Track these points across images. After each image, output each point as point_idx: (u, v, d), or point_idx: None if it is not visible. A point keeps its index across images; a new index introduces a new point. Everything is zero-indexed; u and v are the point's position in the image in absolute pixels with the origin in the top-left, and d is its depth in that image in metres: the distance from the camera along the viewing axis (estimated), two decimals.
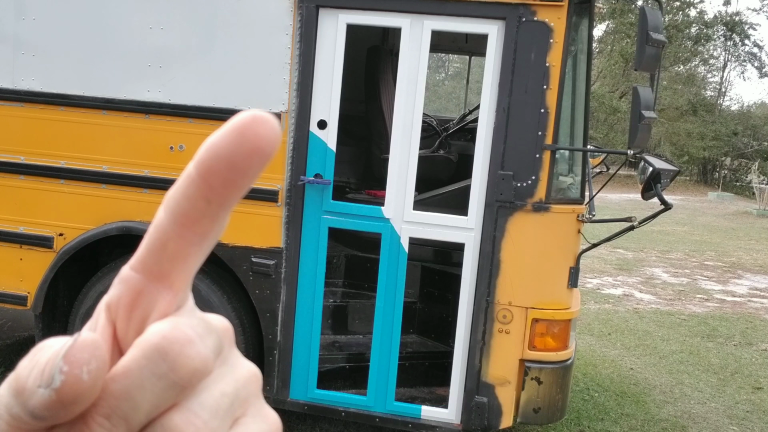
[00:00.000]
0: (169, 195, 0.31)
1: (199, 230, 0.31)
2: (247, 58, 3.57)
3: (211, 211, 0.31)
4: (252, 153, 0.29)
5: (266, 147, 0.29)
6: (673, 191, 22.37)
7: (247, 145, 0.29)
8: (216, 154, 0.29)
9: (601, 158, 4.97)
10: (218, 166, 0.29)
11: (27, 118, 3.83)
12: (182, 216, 0.31)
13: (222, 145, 0.29)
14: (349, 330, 4.29)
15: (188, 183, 0.30)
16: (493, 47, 3.40)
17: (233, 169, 0.29)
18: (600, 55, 27.12)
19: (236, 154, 0.29)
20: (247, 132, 0.29)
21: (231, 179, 0.30)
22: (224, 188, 0.30)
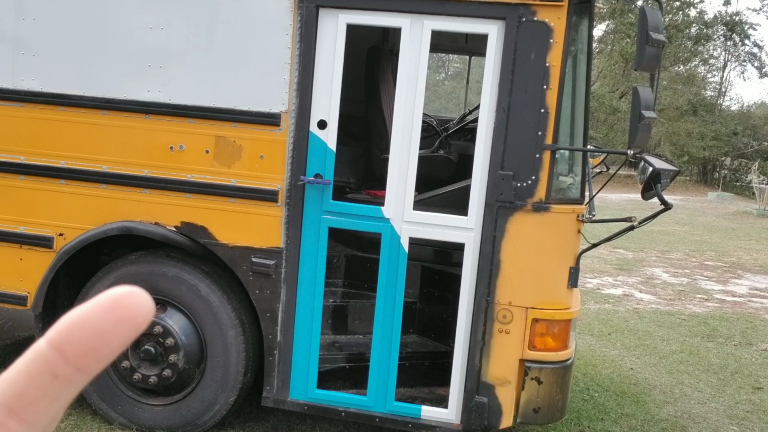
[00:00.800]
0: (3, 376, 0.28)
1: (31, 416, 0.28)
2: (247, 58, 3.57)
3: (54, 389, 0.28)
4: (123, 320, 0.28)
5: (139, 317, 0.28)
6: (673, 191, 22.37)
7: (119, 312, 0.28)
8: (81, 321, 0.28)
9: (601, 158, 4.97)
10: (81, 333, 0.27)
11: (27, 118, 3.83)
12: (15, 398, 0.28)
13: (91, 313, 0.28)
14: (349, 330, 4.29)
15: (33, 358, 0.28)
16: (493, 47, 3.40)
17: (97, 335, 0.28)
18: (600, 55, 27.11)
19: (106, 321, 0.28)
20: (123, 300, 0.28)
21: (92, 347, 0.28)
22: (81, 356, 0.28)
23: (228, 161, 3.65)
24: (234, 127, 3.62)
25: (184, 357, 3.81)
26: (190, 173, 3.69)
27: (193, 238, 3.74)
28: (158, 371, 3.83)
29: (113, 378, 3.94)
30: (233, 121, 3.62)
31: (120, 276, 3.85)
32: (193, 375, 3.87)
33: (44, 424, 0.29)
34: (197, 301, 3.78)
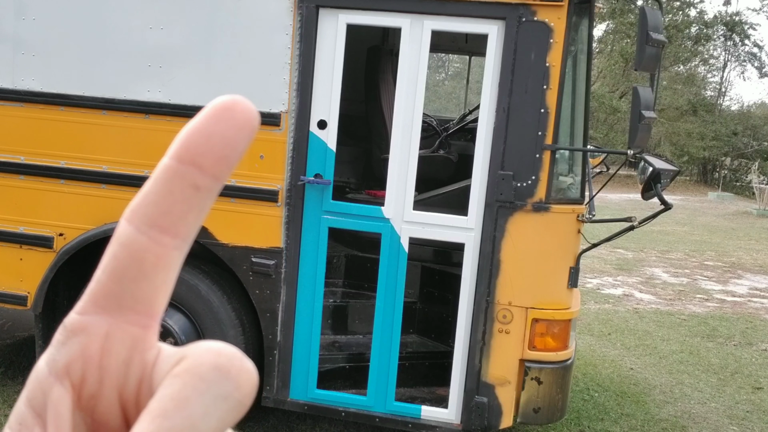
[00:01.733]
0: (137, 202, 0.29)
1: (184, 228, 0.29)
2: (247, 58, 3.57)
3: (200, 200, 0.29)
4: (243, 126, 0.29)
5: (253, 121, 0.29)
6: (673, 191, 22.37)
7: (237, 120, 0.29)
8: (205, 133, 0.28)
9: (601, 158, 4.97)
10: (209, 143, 0.28)
11: (27, 118, 3.83)
12: (163, 216, 0.28)
13: (210, 124, 0.29)
14: (349, 330, 4.29)
15: (168, 176, 0.28)
16: (493, 47, 3.40)
17: (226, 143, 0.29)
18: (600, 55, 27.11)
19: (228, 129, 0.29)
20: (235, 109, 0.29)
21: (224, 155, 0.29)
22: (217, 165, 0.29)
23: None
24: None
25: None
26: None
27: None
28: None
29: None
30: None
31: None
32: None
33: (195, 232, 0.30)
34: (197, 301, 3.78)
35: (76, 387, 0.28)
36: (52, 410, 0.28)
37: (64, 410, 0.28)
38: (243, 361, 0.28)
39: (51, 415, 0.28)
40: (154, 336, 0.30)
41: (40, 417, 0.28)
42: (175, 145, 0.29)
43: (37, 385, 0.29)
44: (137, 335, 0.29)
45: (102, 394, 0.28)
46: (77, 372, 0.28)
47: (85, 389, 0.28)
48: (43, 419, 0.28)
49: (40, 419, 0.28)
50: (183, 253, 0.30)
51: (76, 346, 0.28)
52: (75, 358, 0.28)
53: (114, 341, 0.28)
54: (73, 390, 0.28)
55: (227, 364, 0.28)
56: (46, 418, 0.28)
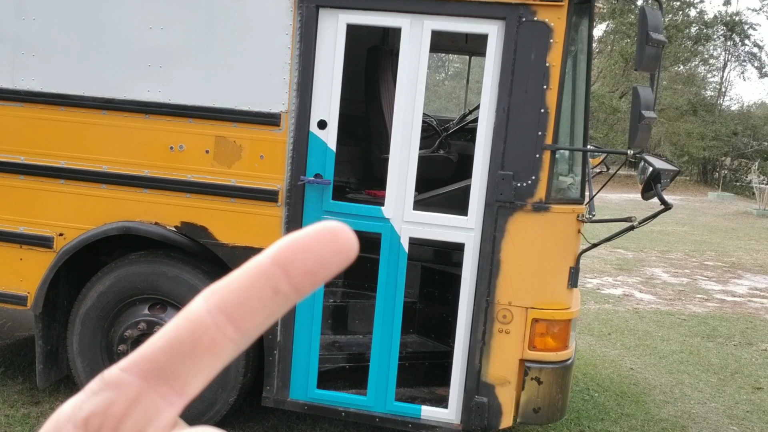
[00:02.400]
0: (219, 285, 0.30)
1: (249, 325, 0.30)
2: (247, 58, 3.57)
3: (274, 303, 0.30)
4: (340, 252, 0.30)
5: (351, 251, 0.31)
6: (673, 191, 22.37)
7: (337, 245, 0.30)
8: (305, 245, 0.30)
9: (601, 158, 4.97)
10: (304, 256, 0.30)
11: (27, 118, 3.83)
12: (234, 306, 0.29)
13: (313, 240, 0.30)
14: (349, 330, 4.29)
15: (256, 271, 0.30)
16: (493, 47, 3.40)
17: (318, 261, 0.30)
18: (600, 55, 27.11)
19: (325, 250, 0.30)
20: (340, 234, 0.31)
21: (313, 270, 0.30)
22: (303, 276, 0.30)
23: (228, 161, 3.65)
24: (234, 127, 3.63)
25: None
26: (190, 173, 3.69)
27: (193, 238, 3.74)
28: None
29: None
30: (233, 121, 3.62)
31: (120, 276, 3.85)
32: None
33: (256, 334, 0.31)
34: None
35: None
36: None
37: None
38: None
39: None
40: (176, 413, 0.30)
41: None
42: (274, 247, 0.31)
43: (55, 427, 0.29)
44: (161, 409, 0.29)
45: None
46: (94, 425, 0.29)
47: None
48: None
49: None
50: (239, 348, 0.30)
51: (103, 400, 0.29)
52: (98, 411, 0.29)
53: (138, 407, 0.29)
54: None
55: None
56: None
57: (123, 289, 3.85)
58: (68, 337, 3.97)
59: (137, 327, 3.82)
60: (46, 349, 4.01)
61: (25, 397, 4.28)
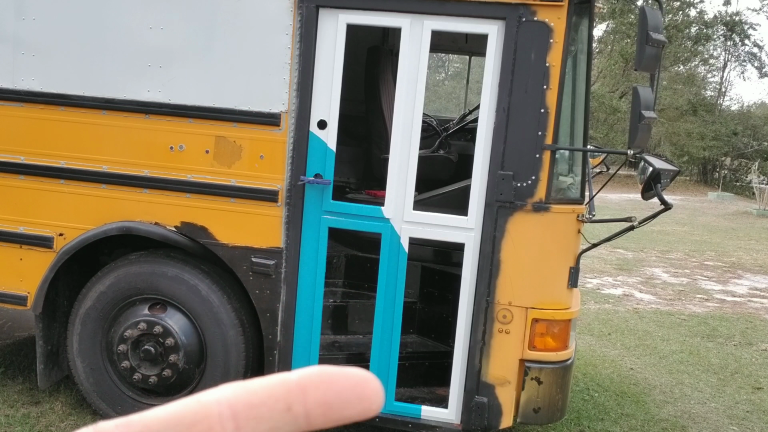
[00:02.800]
0: (241, 383, 0.31)
1: (249, 429, 0.30)
2: (247, 58, 3.57)
3: (281, 420, 0.30)
4: (363, 399, 0.31)
5: (375, 404, 0.31)
6: (673, 191, 22.37)
7: (363, 390, 0.31)
8: (332, 378, 0.30)
9: (601, 158, 4.97)
10: (327, 387, 0.30)
11: (27, 118, 3.83)
12: (246, 408, 0.30)
13: (342, 377, 0.31)
14: (349, 330, 4.29)
15: (279, 382, 0.30)
16: (493, 47, 3.40)
17: (339, 397, 0.30)
18: (600, 55, 27.11)
19: (350, 390, 0.30)
20: (370, 383, 0.31)
21: (329, 403, 0.30)
22: (317, 406, 0.30)
23: (228, 161, 3.65)
24: (234, 127, 3.63)
25: (184, 357, 3.81)
26: (190, 173, 3.69)
27: (193, 238, 3.74)
28: (158, 371, 3.83)
29: (113, 378, 3.94)
30: (233, 121, 3.62)
31: (120, 276, 3.85)
32: (193, 375, 3.87)
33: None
34: (197, 301, 3.78)
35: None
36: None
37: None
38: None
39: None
40: None
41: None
42: (307, 369, 0.31)
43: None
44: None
45: None
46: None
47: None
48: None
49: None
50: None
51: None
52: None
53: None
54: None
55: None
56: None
57: (123, 289, 3.85)
58: (68, 337, 3.97)
59: (137, 327, 3.82)
60: (46, 349, 4.01)
61: (25, 397, 4.28)
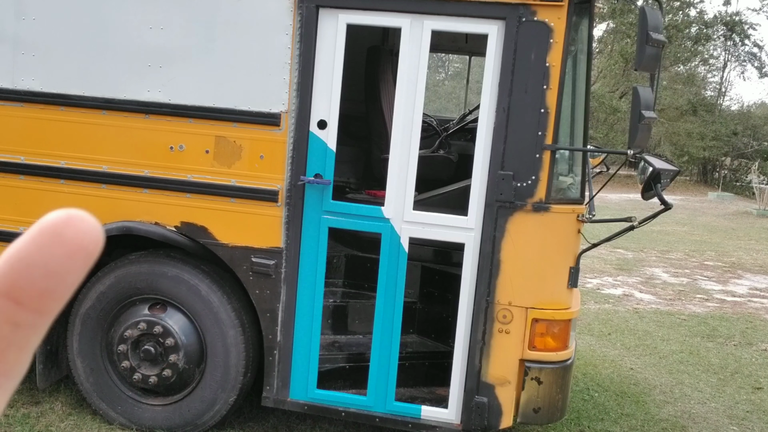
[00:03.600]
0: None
1: (3, 367, 0.26)
2: (247, 58, 3.57)
3: (20, 337, 0.25)
4: (73, 253, 0.25)
5: (89, 245, 0.25)
6: (673, 191, 22.37)
7: (67, 246, 0.25)
8: (26, 263, 0.25)
9: (601, 158, 4.97)
10: (29, 275, 0.25)
11: (27, 118, 3.83)
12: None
13: (32, 251, 0.25)
14: (349, 330, 4.29)
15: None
16: (493, 47, 3.40)
17: (50, 275, 0.25)
18: (600, 55, 27.11)
19: (53, 258, 0.25)
20: (65, 231, 0.25)
21: (48, 288, 0.25)
22: (39, 300, 0.25)
23: (228, 161, 3.65)
24: (234, 127, 3.63)
25: (184, 357, 3.81)
26: (190, 173, 3.69)
27: (193, 238, 3.74)
28: (158, 371, 3.83)
29: (113, 378, 3.94)
30: (233, 121, 3.62)
31: (120, 276, 3.85)
32: (193, 375, 3.87)
33: (19, 370, 0.27)
34: (197, 301, 3.78)
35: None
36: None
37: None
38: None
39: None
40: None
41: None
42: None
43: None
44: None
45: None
46: None
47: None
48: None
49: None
50: (7, 391, 0.26)
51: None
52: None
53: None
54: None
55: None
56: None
57: (123, 289, 3.85)
58: (68, 337, 3.97)
59: (137, 327, 3.82)
60: (46, 349, 4.01)
61: (25, 397, 4.28)
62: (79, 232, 0.25)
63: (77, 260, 0.25)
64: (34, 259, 0.25)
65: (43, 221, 0.25)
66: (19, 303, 0.25)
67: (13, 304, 0.25)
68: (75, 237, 0.25)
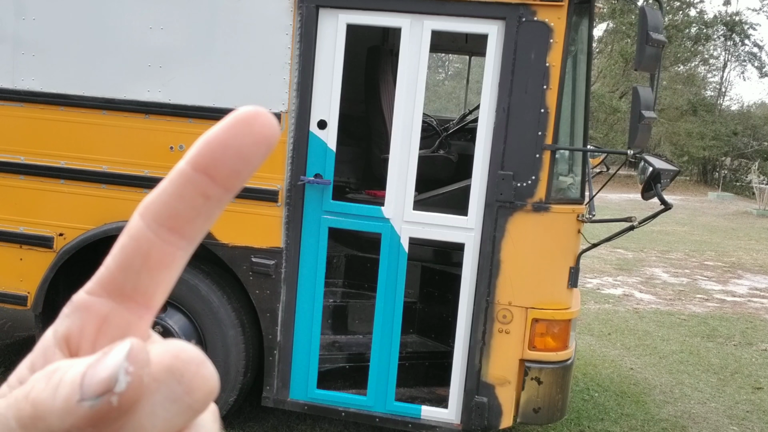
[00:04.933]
0: (150, 200, 0.30)
1: (191, 232, 0.30)
2: (247, 58, 3.57)
3: (208, 208, 0.30)
4: (259, 142, 0.30)
5: (271, 137, 0.30)
6: (673, 191, 22.37)
7: (255, 135, 0.29)
8: (221, 144, 0.29)
9: (601, 158, 4.97)
10: (224, 156, 0.29)
11: (27, 118, 3.83)
12: (172, 218, 0.30)
13: (228, 136, 0.29)
14: (349, 330, 4.29)
15: (182, 181, 0.30)
16: (493, 47, 3.40)
17: (240, 158, 0.29)
18: (600, 55, 27.11)
19: (244, 144, 0.29)
20: (254, 122, 0.30)
21: (237, 169, 0.30)
22: (228, 179, 0.30)
23: None
24: None
25: None
26: None
27: None
28: None
29: None
30: None
31: None
32: None
33: (199, 237, 0.31)
34: (197, 301, 3.78)
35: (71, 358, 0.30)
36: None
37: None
38: (201, 366, 0.28)
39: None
40: (147, 325, 0.31)
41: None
42: (192, 150, 0.30)
43: (41, 351, 0.31)
44: (132, 322, 0.30)
45: None
46: (74, 345, 0.30)
47: None
48: None
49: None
50: (187, 254, 0.31)
51: (77, 322, 0.30)
52: (74, 332, 0.30)
53: (110, 324, 0.30)
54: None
55: (181, 368, 0.28)
56: None
57: None
58: None
59: None
60: None
61: None
62: (264, 126, 0.30)
63: (261, 148, 0.30)
64: (229, 143, 0.30)
65: (236, 113, 0.30)
66: (213, 178, 0.30)
67: (208, 179, 0.30)
68: (262, 129, 0.30)
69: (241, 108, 0.30)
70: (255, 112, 0.30)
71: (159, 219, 0.30)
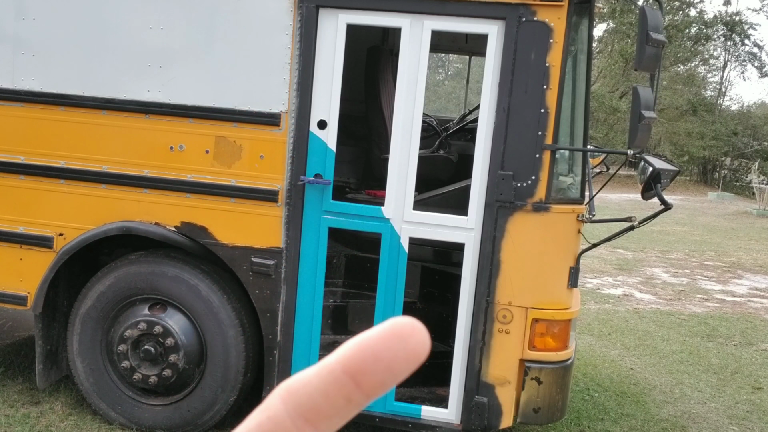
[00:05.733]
0: (295, 387, 0.31)
1: (325, 428, 0.31)
2: (247, 58, 3.57)
3: (348, 410, 0.31)
4: (411, 359, 0.30)
5: (423, 355, 0.31)
6: (673, 191, 22.37)
7: (408, 352, 0.30)
8: (374, 355, 0.30)
9: (601, 158, 4.97)
10: (374, 368, 0.30)
11: (27, 118, 3.83)
12: (312, 412, 0.31)
13: (382, 348, 0.30)
14: (349, 330, 4.29)
15: (330, 380, 0.31)
16: (493, 47, 3.40)
17: (389, 372, 0.30)
18: (600, 55, 27.11)
19: (396, 359, 0.30)
20: (410, 339, 0.30)
21: (383, 381, 0.30)
22: (373, 388, 0.30)
23: (228, 161, 3.65)
24: (234, 127, 3.63)
25: (184, 357, 3.81)
26: (190, 173, 3.69)
27: (193, 238, 3.74)
28: (158, 371, 3.83)
29: (113, 378, 3.94)
30: (233, 121, 3.62)
31: (120, 276, 3.85)
32: (193, 375, 3.87)
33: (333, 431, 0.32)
34: (197, 301, 3.78)
35: None
36: None
37: None
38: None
39: None
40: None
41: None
42: (345, 351, 0.31)
43: None
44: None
45: None
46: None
47: None
48: None
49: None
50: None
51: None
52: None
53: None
54: None
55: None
56: None
57: (123, 289, 3.85)
58: (68, 337, 3.97)
59: (137, 327, 3.82)
60: (46, 349, 4.01)
61: (25, 397, 4.28)
62: (418, 344, 0.30)
63: (410, 365, 0.30)
64: (382, 356, 0.30)
65: (394, 324, 0.30)
66: (359, 385, 0.31)
67: (354, 385, 0.31)
68: (416, 347, 0.30)
69: (399, 319, 0.30)
70: (412, 327, 0.30)
71: (300, 409, 0.31)
